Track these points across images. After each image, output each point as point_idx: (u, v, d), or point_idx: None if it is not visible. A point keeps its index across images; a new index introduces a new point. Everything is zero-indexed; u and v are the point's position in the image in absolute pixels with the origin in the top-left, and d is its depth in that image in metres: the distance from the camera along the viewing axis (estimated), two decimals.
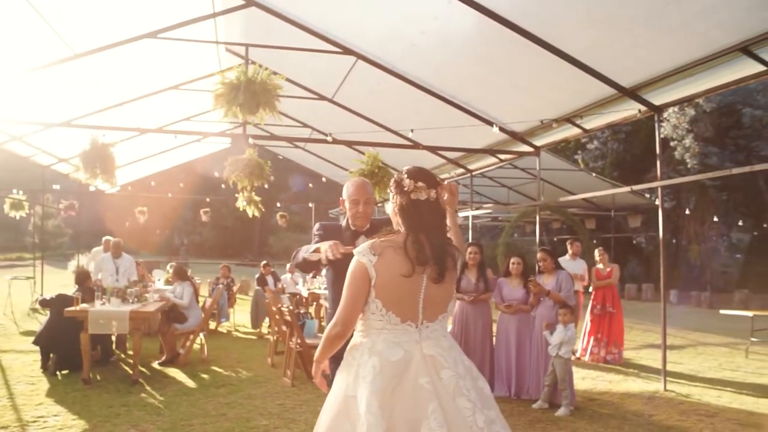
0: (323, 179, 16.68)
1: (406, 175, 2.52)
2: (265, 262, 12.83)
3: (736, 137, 19.10)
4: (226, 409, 5.80)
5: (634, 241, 23.53)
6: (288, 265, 14.26)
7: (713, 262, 21.59)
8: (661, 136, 19.26)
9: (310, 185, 21.95)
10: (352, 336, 2.53)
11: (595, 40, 6.49)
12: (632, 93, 7.06)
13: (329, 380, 2.64)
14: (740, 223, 20.80)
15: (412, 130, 9.04)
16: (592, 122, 8.22)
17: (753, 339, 9.98)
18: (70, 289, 7.78)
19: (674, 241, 22.22)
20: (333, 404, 2.41)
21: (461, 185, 15.47)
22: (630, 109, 7.40)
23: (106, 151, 8.68)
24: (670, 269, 23.50)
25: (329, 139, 8.40)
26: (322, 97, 11.22)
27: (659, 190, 7.54)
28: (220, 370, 7.62)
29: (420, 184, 2.47)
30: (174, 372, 7.40)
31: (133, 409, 5.71)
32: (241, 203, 12.53)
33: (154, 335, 9.04)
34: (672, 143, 19.13)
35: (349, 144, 10.82)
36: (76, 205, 16.38)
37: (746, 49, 5.57)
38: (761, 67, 5.71)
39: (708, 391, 7.21)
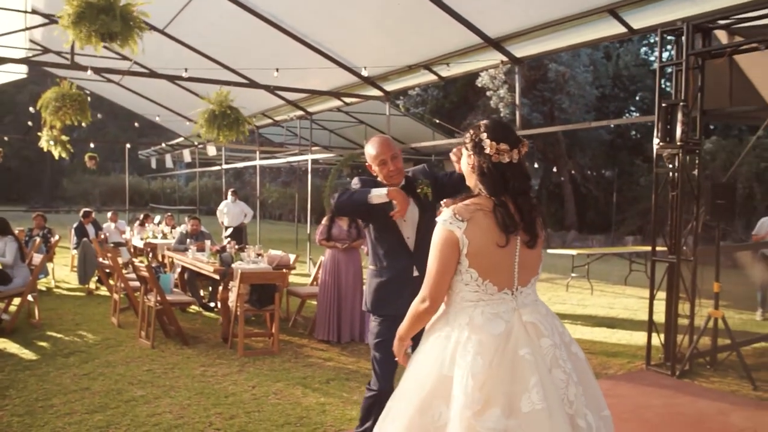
0: (156, 118, 15.24)
1: (485, 134, 2.24)
2: (87, 210, 11.48)
3: (543, 90, 20.80)
4: (87, 381, 5.10)
5: None
6: (109, 213, 12.93)
7: None
8: (479, 85, 20.39)
9: (136, 124, 19.99)
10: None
11: None
12: (497, 44, 7.23)
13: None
14: (554, 170, 22.92)
15: (276, 70, 8.45)
16: (450, 70, 8.32)
17: (573, 275, 11.11)
18: None
19: None
20: (425, 383, 2.17)
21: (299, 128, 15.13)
22: (491, 60, 7.60)
23: None
24: None
25: (185, 74, 7.51)
26: (152, 28, 10.05)
27: None
28: (59, 335, 6.71)
29: (503, 146, 2.21)
30: (1, 342, 6.37)
31: None
32: (45, 143, 10.99)
33: None
34: (488, 93, 20.29)
35: (171, 78, 9.90)
36: None
37: (614, 11, 5.91)
38: (623, 29, 6.11)
39: None
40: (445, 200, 3.40)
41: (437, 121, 17.56)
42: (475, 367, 2.08)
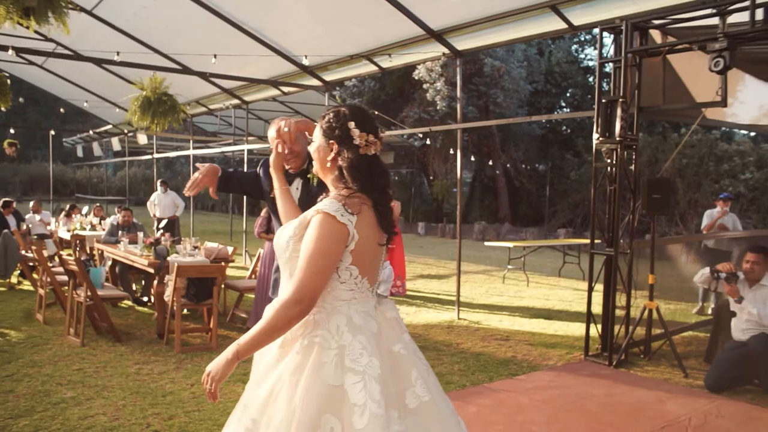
0: (84, 104, 14.50)
1: (352, 123, 2.07)
2: (7, 200, 10.82)
3: (478, 84, 21.05)
4: (10, 383, 4.79)
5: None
6: (32, 203, 12.26)
7: (452, 197, 23.91)
8: (416, 78, 20.41)
9: (62, 110, 18.98)
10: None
11: None
12: (439, 36, 7.22)
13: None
14: (490, 163, 23.25)
15: (215, 56, 8.17)
16: (392, 61, 8.27)
17: (509, 266, 11.30)
18: None
19: (431, 177, 24.20)
20: (307, 400, 1.88)
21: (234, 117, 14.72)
22: (433, 52, 7.60)
23: None
24: (415, 203, 25.55)
25: (117, 58, 7.14)
26: (78, 8, 9.54)
27: (458, 132, 7.94)
28: None
29: (372, 137, 2.06)
30: None
31: None
32: None
33: None
34: (425, 85, 20.37)
35: (99, 62, 9.44)
36: None
37: (555, 7, 5.99)
38: (563, 25, 6.20)
39: (489, 317, 7.99)
40: None
41: (375, 112, 17.51)
42: (374, 369, 1.92)
